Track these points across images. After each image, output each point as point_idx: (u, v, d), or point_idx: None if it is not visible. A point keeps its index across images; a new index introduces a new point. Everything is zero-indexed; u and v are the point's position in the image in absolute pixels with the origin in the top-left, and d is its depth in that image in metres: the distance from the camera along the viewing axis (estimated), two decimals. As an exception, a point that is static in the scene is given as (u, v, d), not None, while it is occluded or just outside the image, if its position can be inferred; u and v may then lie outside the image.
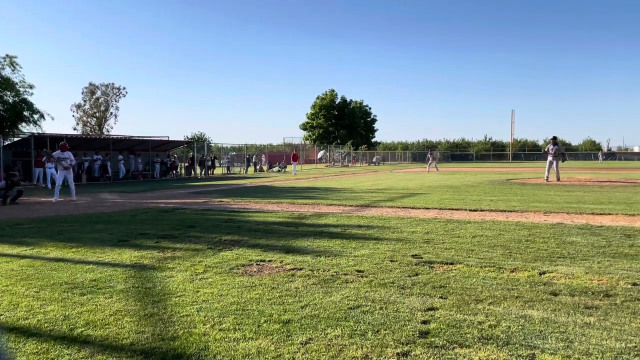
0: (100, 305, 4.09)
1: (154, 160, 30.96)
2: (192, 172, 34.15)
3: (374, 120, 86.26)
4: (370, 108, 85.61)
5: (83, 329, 3.53)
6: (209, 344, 3.22)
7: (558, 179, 19.93)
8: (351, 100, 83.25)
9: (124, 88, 76.17)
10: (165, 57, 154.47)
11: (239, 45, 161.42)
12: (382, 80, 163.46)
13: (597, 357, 2.91)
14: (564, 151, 21.12)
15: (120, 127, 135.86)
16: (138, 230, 8.14)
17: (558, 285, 4.49)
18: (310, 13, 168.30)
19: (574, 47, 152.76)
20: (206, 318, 3.72)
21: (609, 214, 9.39)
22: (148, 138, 30.93)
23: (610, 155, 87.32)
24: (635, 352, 2.96)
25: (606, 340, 3.16)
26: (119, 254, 6.17)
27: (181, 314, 3.82)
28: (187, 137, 62.77)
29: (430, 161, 37.13)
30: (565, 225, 7.99)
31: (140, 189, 19.43)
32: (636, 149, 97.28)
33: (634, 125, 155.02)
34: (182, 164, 36.50)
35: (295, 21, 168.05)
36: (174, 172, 33.55)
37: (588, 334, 3.27)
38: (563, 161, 21.22)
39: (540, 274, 4.87)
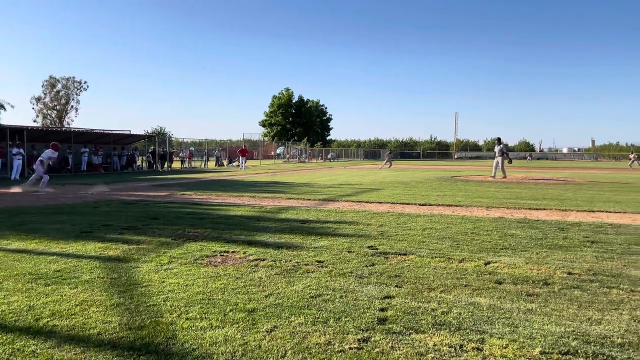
0: (65, 295, 3.91)
1: (113, 153, 29.96)
2: (154, 166, 33.23)
3: (329, 119, 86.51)
4: (326, 107, 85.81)
5: (49, 319, 3.36)
6: (177, 332, 3.14)
7: (493, 176, 20.63)
8: (308, 99, 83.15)
9: (85, 82, 73.44)
10: (126, 53, 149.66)
11: (199, 42, 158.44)
12: (337, 81, 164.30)
13: (540, 341, 3.01)
14: (505, 151, 21.66)
15: (81, 120, 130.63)
16: (101, 221, 7.85)
17: (502, 274, 4.63)
18: (267, 15, 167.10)
19: (513, 53, 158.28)
20: (173, 307, 3.62)
21: (544, 209, 9.76)
22: (110, 131, 29.90)
23: (542, 155, 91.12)
24: (574, 336, 3.09)
25: (547, 325, 3.28)
26: (83, 245, 5.93)
27: (148, 304, 3.70)
28: (147, 132, 61.10)
29: (387, 159, 38.31)
30: (505, 219, 8.26)
31: (102, 182, 18.74)
32: (565, 150, 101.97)
33: (563, 128, 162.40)
34: (143, 158, 35.47)
35: (253, 22, 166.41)
36: (135, 165, 32.56)
37: (531, 320, 3.39)
38: (510, 162, 21.41)
39: (485, 264, 5.01)
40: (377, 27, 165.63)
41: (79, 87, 72.76)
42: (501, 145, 21.25)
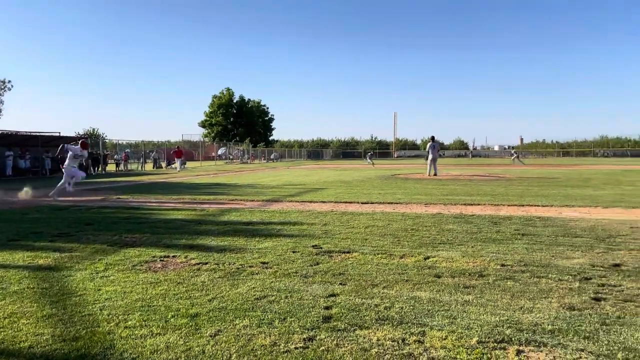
0: (-10, 309, 3.66)
1: (43, 156, 28.31)
2: (87, 169, 31.71)
3: (271, 120, 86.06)
4: (267, 107, 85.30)
5: (-28, 335, 3.14)
6: (115, 342, 3.02)
7: (435, 174, 21.30)
8: (249, 99, 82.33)
9: (9, 81, 68.93)
10: (56, 52, 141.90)
11: (134, 40, 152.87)
12: (278, 82, 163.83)
13: (477, 331, 3.15)
14: (439, 148, 22.04)
15: (5, 121, 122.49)
16: (30, 229, 7.40)
17: (440, 268, 4.79)
18: (206, 12, 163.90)
19: (447, 54, 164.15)
20: (110, 316, 3.48)
21: (478, 204, 10.21)
22: (37, 133, 28.27)
23: (476, 153, 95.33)
24: (508, 325, 3.26)
25: (483, 315, 3.44)
26: (10, 254, 5.57)
27: (83, 314, 3.54)
28: (79, 134, 58.25)
29: (368, 159, 39.21)
30: (443, 215, 8.56)
31: (30, 186, 17.65)
32: (496, 148, 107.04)
33: (494, 127, 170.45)
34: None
35: (191, 20, 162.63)
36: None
37: (468, 311, 3.54)
38: (426, 159, 21.67)
39: (425, 259, 5.17)
40: (317, 26, 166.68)
41: (2, 87, 68.20)
42: (430, 143, 21.80)
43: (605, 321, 3.31)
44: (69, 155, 12.91)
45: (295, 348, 2.91)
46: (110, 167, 36.78)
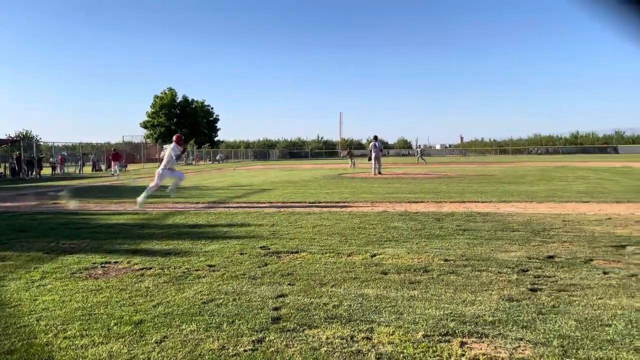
0: None
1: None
2: (19, 173, 29.97)
3: (216, 120, 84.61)
4: (212, 108, 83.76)
5: None
6: (53, 353, 2.87)
7: (379, 173, 21.70)
8: (193, 99, 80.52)
9: None
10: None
11: (71, 38, 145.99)
12: (222, 82, 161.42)
13: (422, 325, 3.24)
14: (382, 148, 22.46)
15: None
16: (-44, 238, 6.90)
17: (387, 265, 4.89)
18: (147, 11, 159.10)
19: (388, 54, 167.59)
20: (48, 327, 3.31)
21: (422, 201, 10.49)
22: (-37, 135, 26.41)
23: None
24: (452, 318, 3.37)
25: (428, 310, 3.54)
26: None
27: (18, 325, 3.35)
28: (10, 136, 54.87)
29: (351, 158, 39.09)
30: (388, 213, 8.73)
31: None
32: (438, 147, 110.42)
33: (436, 127, 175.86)
34: (6, 165, 31.85)
35: (129, 19, 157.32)
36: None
37: (414, 306, 3.63)
38: (369, 159, 22.34)
39: (372, 256, 5.26)
40: (260, 27, 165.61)
41: None
42: (373, 143, 22.21)
43: (542, 311, 3.49)
44: (166, 155, 11.09)
45: (245, 351, 2.88)
46: (46, 171, 34.95)
